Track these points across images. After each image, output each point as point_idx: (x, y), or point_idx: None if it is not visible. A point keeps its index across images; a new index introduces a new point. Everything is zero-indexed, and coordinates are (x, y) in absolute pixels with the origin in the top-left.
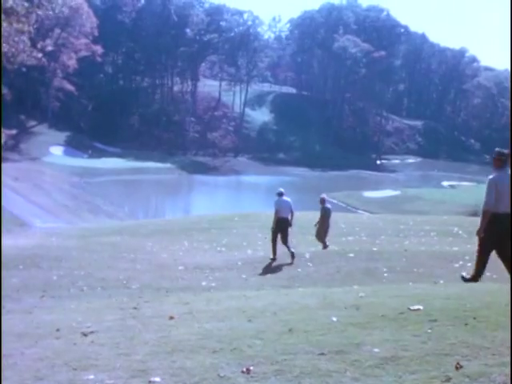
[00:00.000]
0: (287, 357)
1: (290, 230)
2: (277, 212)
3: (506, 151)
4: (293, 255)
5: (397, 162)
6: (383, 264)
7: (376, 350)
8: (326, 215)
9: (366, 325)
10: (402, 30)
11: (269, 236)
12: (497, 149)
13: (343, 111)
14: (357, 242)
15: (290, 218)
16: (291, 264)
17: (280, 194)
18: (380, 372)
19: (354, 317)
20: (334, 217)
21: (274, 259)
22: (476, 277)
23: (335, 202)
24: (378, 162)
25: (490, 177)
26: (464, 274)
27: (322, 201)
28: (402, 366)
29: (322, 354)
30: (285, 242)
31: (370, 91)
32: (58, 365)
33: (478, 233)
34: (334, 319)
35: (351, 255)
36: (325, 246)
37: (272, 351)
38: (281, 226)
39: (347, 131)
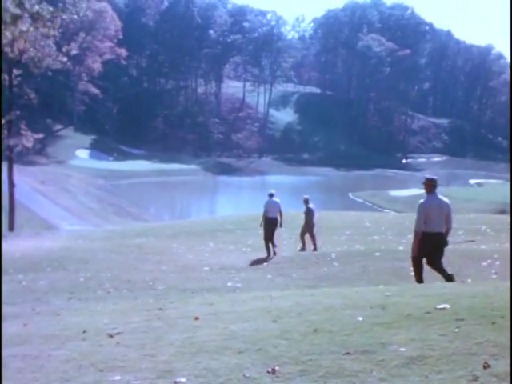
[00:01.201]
0: (312, 357)
1: (281, 229)
2: (266, 212)
3: (435, 177)
4: (275, 252)
5: (423, 160)
6: (409, 263)
7: (402, 349)
8: (309, 215)
9: (392, 324)
10: (427, 28)
11: (294, 237)
12: (427, 176)
13: (368, 110)
14: (383, 241)
15: (278, 217)
16: (271, 258)
17: (271, 195)
18: (406, 372)
19: (379, 316)
20: (360, 216)
21: (268, 257)
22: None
23: (361, 201)
24: (404, 160)
25: (421, 201)
26: None
27: (306, 201)
28: (428, 365)
29: (348, 353)
30: (271, 238)
31: (394, 90)
32: (85, 366)
33: (412, 251)
34: (360, 319)
35: (377, 254)
36: (303, 248)
37: (297, 351)
38: (270, 225)
39: (372, 130)
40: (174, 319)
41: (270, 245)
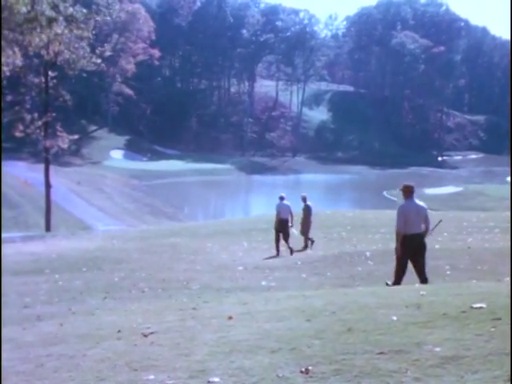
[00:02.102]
0: (346, 356)
1: (292, 229)
2: (278, 214)
3: (412, 184)
4: (291, 252)
5: (459, 158)
6: (446, 262)
7: (437, 349)
8: (307, 213)
9: (427, 324)
10: (462, 24)
11: (328, 236)
12: (404, 183)
13: (402, 108)
14: None
15: (289, 219)
16: (291, 255)
17: (281, 199)
18: (441, 372)
19: (414, 316)
20: (395, 215)
21: (277, 255)
22: (396, 283)
23: (395, 199)
24: (440, 158)
25: (399, 206)
26: (388, 282)
27: (304, 199)
28: (464, 365)
29: (382, 353)
30: (286, 239)
31: (429, 87)
32: (119, 366)
33: (396, 250)
34: (394, 318)
35: None
36: (306, 246)
37: (331, 351)
38: (281, 226)
39: (407, 128)
40: (208, 318)
41: (282, 243)
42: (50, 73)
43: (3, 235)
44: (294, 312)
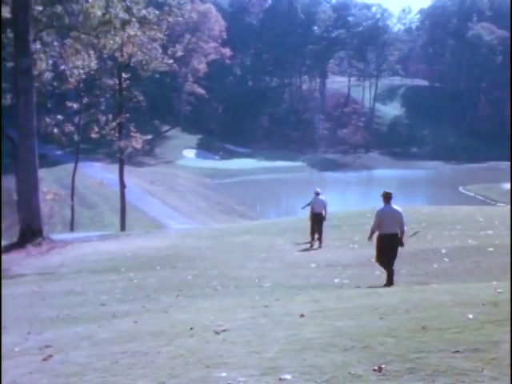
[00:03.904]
0: (420, 355)
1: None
2: (312, 208)
3: (391, 192)
4: (320, 244)
5: None
6: None
7: None
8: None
9: (505, 322)
10: None
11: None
12: (385, 190)
13: (479, 101)
14: (496, 236)
15: (323, 213)
16: (315, 248)
17: (316, 194)
18: None
19: (491, 314)
20: (471, 210)
21: (312, 245)
22: (389, 281)
23: (472, 195)
24: None
25: (378, 209)
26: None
27: (317, 194)
28: None
29: (457, 351)
30: (319, 232)
31: (507, 79)
32: (192, 363)
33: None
34: (470, 316)
35: (490, 250)
36: (317, 242)
37: (404, 349)
38: (316, 220)
39: (484, 122)
40: (280, 316)
41: (316, 236)
42: (123, 74)
43: (81, 234)
44: (367, 310)
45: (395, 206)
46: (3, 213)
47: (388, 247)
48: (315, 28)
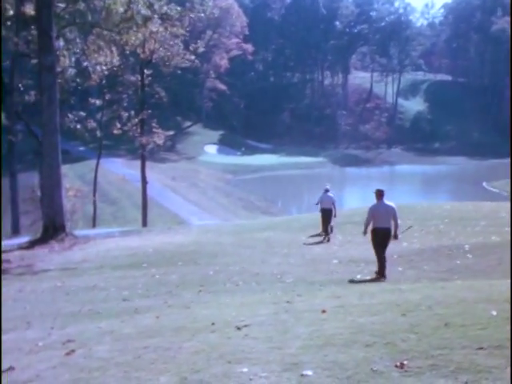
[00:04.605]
0: (443, 351)
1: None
2: (321, 204)
3: (383, 189)
4: (329, 239)
5: None
6: None
7: None
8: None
9: None
10: None
11: (425, 228)
12: (377, 188)
13: (503, 96)
14: None
15: (332, 208)
16: (328, 242)
17: (326, 191)
18: None
19: None
20: (495, 206)
21: (324, 236)
22: (380, 271)
23: (496, 191)
24: None
25: (370, 206)
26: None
27: (326, 190)
28: None
29: (481, 348)
30: (327, 227)
31: None
32: (214, 358)
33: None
34: (494, 313)
35: None
36: (326, 236)
37: (427, 346)
38: (325, 215)
39: (507, 117)
40: (302, 312)
41: (328, 229)
42: (145, 71)
43: (104, 230)
44: (389, 306)
45: (388, 201)
46: (27, 209)
47: (381, 240)
48: (337, 23)
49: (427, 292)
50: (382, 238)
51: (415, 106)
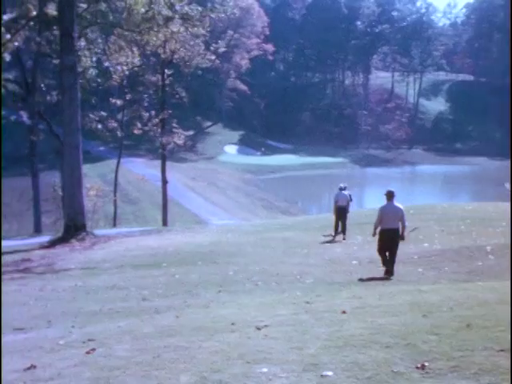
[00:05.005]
0: (464, 353)
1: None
2: (336, 202)
3: (393, 190)
4: (344, 237)
5: None
6: None
7: None
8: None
9: None
10: None
11: (446, 229)
12: (388, 189)
13: None
14: None
15: (347, 206)
16: (343, 240)
17: (340, 189)
18: None
19: None
20: None
21: (334, 238)
22: (387, 271)
23: None
24: None
25: (380, 206)
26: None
27: (343, 188)
28: None
29: (503, 350)
30: (343, 225)
31: None
32: (233, 358)
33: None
34: None
35: None
36: (340, 236)
37: (448, 347)
38: (340, 213)
39: None
40: (321, 312)
41: (340, 230)
42: (166, 71)
43: (124, 229)
44: (410, 307)
45: (397, 203)
46: (48, 208)
47: (388, 240)
48: (359, 23)
49: (448, 293)
50: (388, 237)
51: (437, 106)
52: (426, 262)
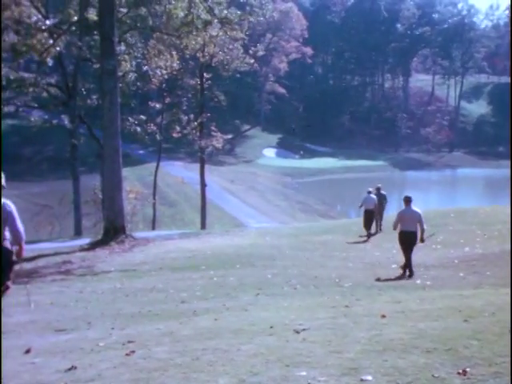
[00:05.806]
0: (506, 359)
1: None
2: (363, 205)
3: (410, 195)
4: (371, 234)
5: None
6: None
7: None
8: (383, 201)
9: None
10: None
11: (488, 233)
12: (405, 195)
13: None
14: None
15: (374, 209)
16: (368, 241)
17: (369, 192)
18: None
19: None
20: None
21: (368, 237)
22: (405, 266)
23: None
24: None
25: (399, 211)
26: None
27: (378, 189)
28: None
29: None
30: (370, 227)
31: None
32: (272, 361)
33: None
34: None
35: None
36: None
37: (490, 353)
38: (366, 216)
39: None
40: (361, 316)
41: (372, 230)
42: (205, 74)
43: (163, 232)
44: (451, 312)
45: (415, 208)
46: (89, 211)
47: (406, 242)
48: (398, 26)
49: (490, 298)
50: (406, 239)
51: (478, 108)
52: (467, 266)
